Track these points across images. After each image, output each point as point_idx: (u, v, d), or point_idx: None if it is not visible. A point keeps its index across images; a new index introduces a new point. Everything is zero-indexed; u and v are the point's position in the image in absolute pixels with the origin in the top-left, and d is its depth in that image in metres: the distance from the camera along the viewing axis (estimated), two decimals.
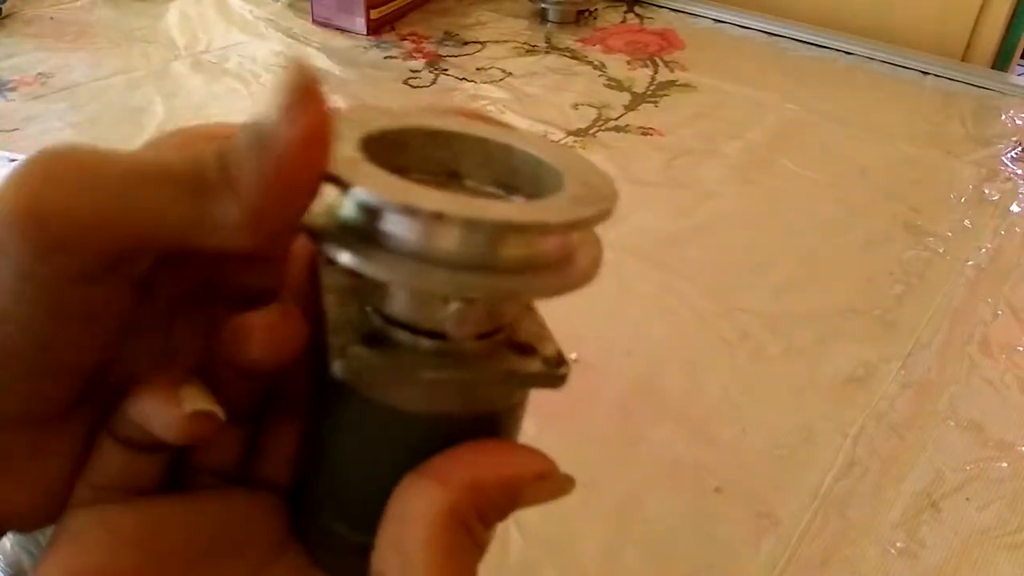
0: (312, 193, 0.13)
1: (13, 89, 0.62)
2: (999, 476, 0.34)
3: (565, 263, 0.15)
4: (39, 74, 0.65)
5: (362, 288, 0.15)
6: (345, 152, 0.14)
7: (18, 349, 0.13)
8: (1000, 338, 0.42)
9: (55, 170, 0.12)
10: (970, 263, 0.48)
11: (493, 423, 0.15)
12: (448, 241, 0.13)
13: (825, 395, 0.38)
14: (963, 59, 0.75)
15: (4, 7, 0.73)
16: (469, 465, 0.14)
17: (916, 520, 0.32)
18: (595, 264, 0.16)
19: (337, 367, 0.14)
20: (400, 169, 0.14)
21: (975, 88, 0.69)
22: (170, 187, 0.13)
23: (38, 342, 0.13)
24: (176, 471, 0.16)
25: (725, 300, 0.44)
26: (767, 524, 0.32)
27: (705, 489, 0.33)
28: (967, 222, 0.52)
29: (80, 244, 0.12)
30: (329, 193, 0.14)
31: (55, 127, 0.58)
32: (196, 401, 0.14)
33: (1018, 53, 0.75)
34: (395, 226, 0.13)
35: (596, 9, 0.80)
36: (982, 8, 0.73)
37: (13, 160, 0.54)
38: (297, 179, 0.12)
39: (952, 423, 0.37)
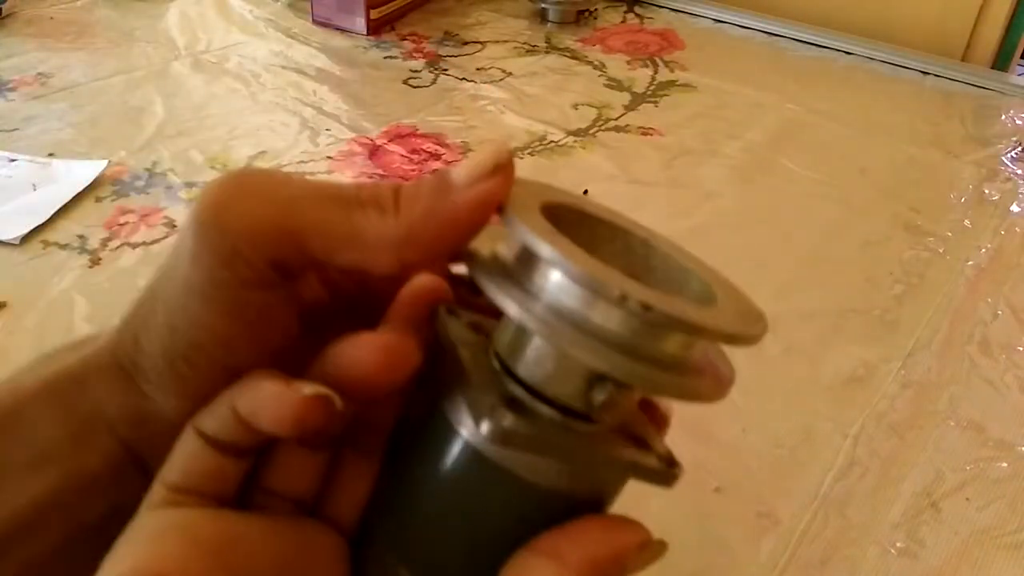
0: (458, 247, 0.15)
1: (13, 89, 0.62)
2: (999, 476, 0.34)
3: (699, 372, 0.15)
4: (39, 74, 0.65)
5: (495, 347, 0.15)
6: (534, 217, 0.14)
7: (207, 351, 0.15)
8: (1000, 338, 0.42)
9: (235, 189, 0.15)
10: (970, 263, 0.48)
11: (600, 503, 0.16)
12: (623, 324, 0.13)
13: (825, 395, 0.38)
14: (963, 59, 0.75)
15: (4, 7, 0.73)
16: (585, 543, 0.15)
17: (916, 520, 0.32)
18: (728, 382, 0.16)
19: (485, 427, 0.14)
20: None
21: (975, 88, 0.69)
22: (334, 205, 0.15)
23: (224, 345, 0.15)
24: (247, 491, 0.16)
25: None
26: (767, 524, 0.32)
27: (705, 489, 0.33)
28: (967, 222, 0.52)
29: (255, 251, 0.14)
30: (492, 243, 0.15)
31: (55, 127, 0.58)
32: (313, 386, 0.15)
33: (1018, 53, 0.75)
34: (568, 294, 0.14)
35: (596, 9, 0.80)
36: (982, 8, 0.73)
37: (13, 160, 0.54)
38: (458, 226, 0.15)
39: (952, 423, 0.37)
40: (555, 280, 0.14)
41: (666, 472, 0.16)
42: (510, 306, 0.14)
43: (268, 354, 0.16)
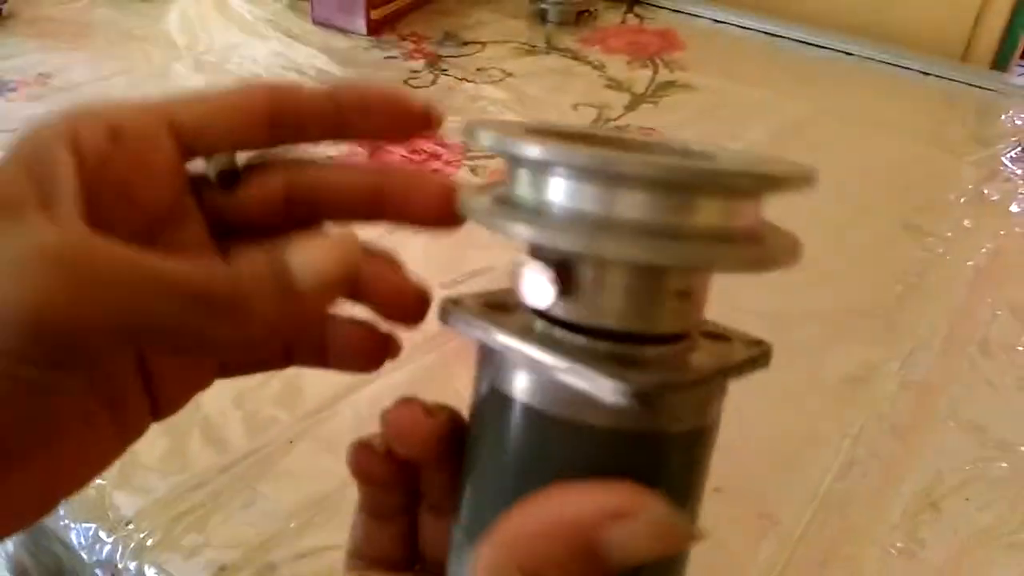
0: (306, 327, 0.15)
1: (14, 90, 0.62)
2: (999, 476, 0.34)
3: (756, 241, 0.14)
4: (40, 74, 0.65)
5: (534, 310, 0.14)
6: (511, 131, 0.13)
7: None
8: (1001, 338, 0.42)
9: (65, 268, 0.12)
10: (970, 263, 0.48)
11: (708, 429, 0.14)
12: (634, 204, 0.12)
13: (825, 395, 0.38)
14: (963, 60, 0.75)
15: (5, 8, 0.73)
16: (515, 517, 0.13)
17: (916, 520, 0.32)
18: (794, 246, 0.14)
19: (609, 393, 0.12)
20: None
21: (975, 88, 0.69)
22: (179, 303, 0.13)
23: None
24: None
25: (724, 300, 0.43)
26: (767, 524, 0.32)
27: (705, 490, 0.33)
28: (967, 222, 0.52)
29: (78, 345, 0.13)
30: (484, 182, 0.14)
31: None
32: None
33: (1017, 53, 0.75)
34: (571, 192, 0.12)
35: (596, 9, 0.80)
36: (982, 9, 0.73)
37: None
38: (308, 321, 0.14)
39: (952, 423, 0.37)
40: (535, 180, 0.13)
41: (759, 354, 0.15)
42: (504, 226, 0.12)
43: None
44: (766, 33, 0.77)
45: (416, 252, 0.19)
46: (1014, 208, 0.54)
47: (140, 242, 0.14)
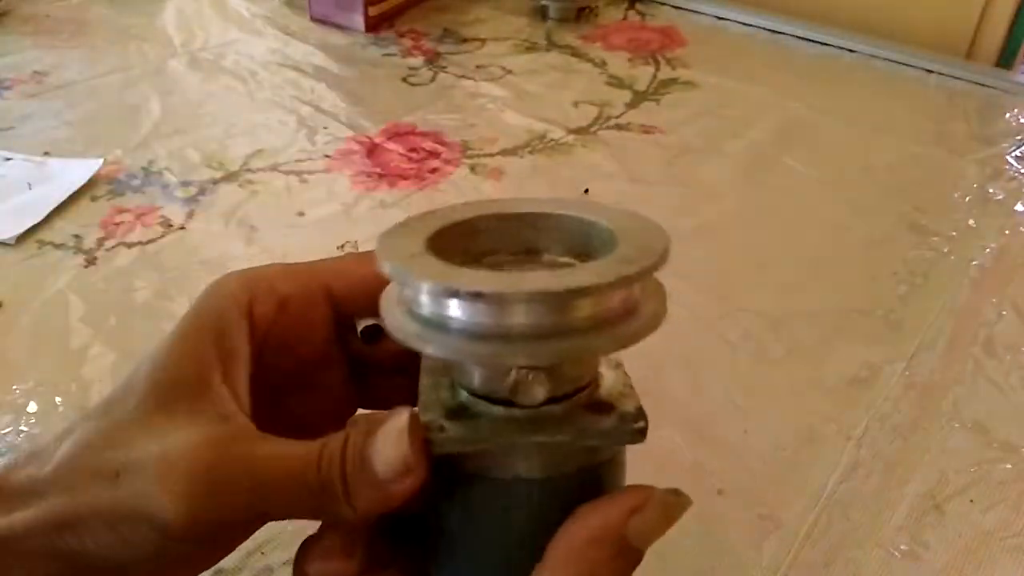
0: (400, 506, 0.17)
1: (9, 87, 0.62)
2: (1004, 478, 0.34)
3: (628, 317, 0.16)
4: (35, 72, 0.64)
5: (448, 367, 0.17)
6: (410, 249, 0.16)
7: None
8: (1005, 338, 0.42)
9: (206, 479, 0.16)
10: (975, 263, 0.47)
11: (595, 479, 0.17)
12: (491, 315, 0.15)
13: (828, 396, 0.38)
14: (967, 57, 0.75)
15: (0, 5, 0.73)
16: (561, 539, 0.16)
17: (920, 522, 0.32)
18: (656, 318, 0.16)
19: (431, 441, 0.15)
20: (478, 255, 0.17)
21: (979, 87, 0.68)
22: (300, 497, 0.16)
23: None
24: None
25: (727, 300, 0.43)
26: (770, 526, 0.31)
27: (707, 491, 0.33)
28: (971, 221, 0.51)
29: (219, 537, 0.16)
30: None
31: (51, 125, 0.58)
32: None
33: (1022, 51, 0.75)
34: (449, 308, 0.15)
35: (597, 6, 0.80)
36: (986, 6, 0.73)
37: (8, 159, 0.53)
38: (395, 506, 0.16)
39: (956, 424, 0.37)
40: (424, 299, 0.15)
41: (624, 430, 0.17)
42: (407, 339, 0.15)
43: None
44: (768, 30, 0.77)
45: None
46: (1019, 207, 0.53)
47: (292, 383, 0.18)
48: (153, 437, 0.16)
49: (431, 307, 0.15)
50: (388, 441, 0.16)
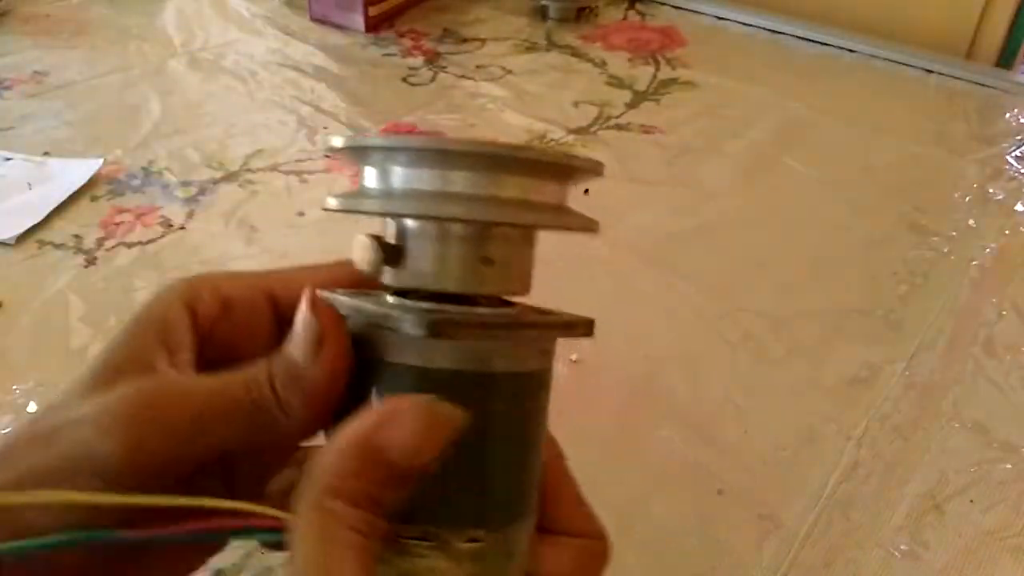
0: (339, 394, 0.17)
1: (9, 88, 0.62)
2: (1003, 478, 0.34)
3: (561, 211, 0.17)
4: (35, 72, 0.64)
5: (387, 284, 0.17)
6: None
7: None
8: (1005, 338, 0.42)
9: (148, 415, 0.16)
10: (975, 263, 0.47)
11: (519, 388, 0.16)
12: (434, 167, 0.15)
13: (828, 396, 0.38)
14: (967, 57, 0.75)
15: (0, 5, 0.73)
16: (317, 454, 0.15)
17: (920, 522, 0.32)
18: (592, 222, 0.17)
19: (408, 331, 0.15)
20: None
21: (979, 86, 0.68)
22: (237, 418, 0.16)
23: None
24: None
25: (727, 300, 0.43)
26: (770, 526, 0.31)
27: (707, 491, 0.33)
28: (972, 221, 0.51)
29: (163, 470, 0.16)
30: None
31: (50, 126, 0.57)
32: None
33: (1022, 51, 0.75)
34: (395, 170, 0.16)
35: (597, 6, 0.80)
36: (986, 6, 0.73)
37: (8, 159, 0.53)
38: (327, 397, 0.16)
39: (956, 424, 0.36)
40: (370, 169, 0.16)
41: (577, 319, 0.17)
42: (365, 205, 0.16)
43: None
44: (768, 30, 0.77)
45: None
46: (1019, 207, 0.53)
47: None
48: (91, 402, 0.17)
49: (378, 174, 0.16)
50: (298, 325, 0.17)
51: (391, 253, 0.16)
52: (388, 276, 0.17)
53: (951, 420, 0.37)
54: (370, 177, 0.17)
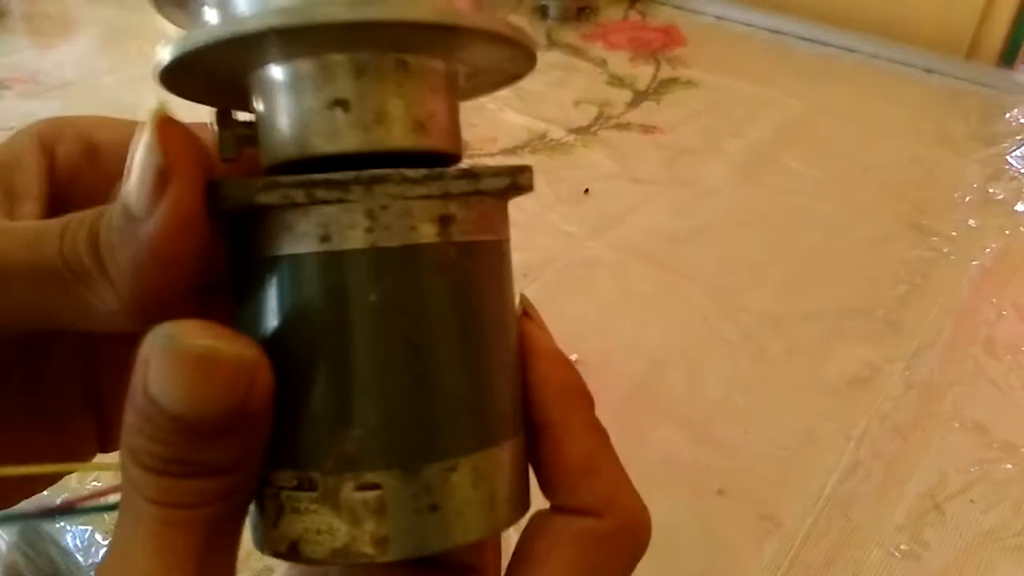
0: (188, 270, 0.12)
1: (7, 87, 0.62)
2: (1004, 478, 0.34)
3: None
4: (33, 72, 0.64)
5: (267, 164, 0.13)
6: None
7: None
8: (1005, 338, 0.42)
9: None
10: (975, 263, 0.47)
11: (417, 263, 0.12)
12: None
13: (828, 396, 0.38)
14: (968, 57, 0.75)
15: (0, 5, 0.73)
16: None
17: (920, 522, 0.32)
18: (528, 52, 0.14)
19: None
20: None
21: (980, 87, 0.68)
22: (46, 283, 0.12)
23: None
24: None
25: (727, 300, 0.43)
26: (770, 526, 0.31)
27: (707, 491, 0.33)
28: (972, 221, 0.51)
29: None
30: None
31: None
32: None
33: (1023, 51, 0.75)
34: None
35: (597, 5, 0.80)
36: (987, 6, 0.73)
37: None
38: (169, 264, 0.12)
39: (956, 424, 0.36)
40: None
41: (510, 167, 0.13)
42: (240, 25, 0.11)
43: None
44: (769, 30, 0.77)
45: None
46: (1020, 207, 0.53)
47: None
48: None
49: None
50: (136, 155, 0.11)
51: (246, 126, 0.13)
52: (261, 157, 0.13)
53: (951, 420, 0.37)
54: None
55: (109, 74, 0.65)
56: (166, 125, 0.12)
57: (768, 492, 0.33)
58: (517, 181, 0.14)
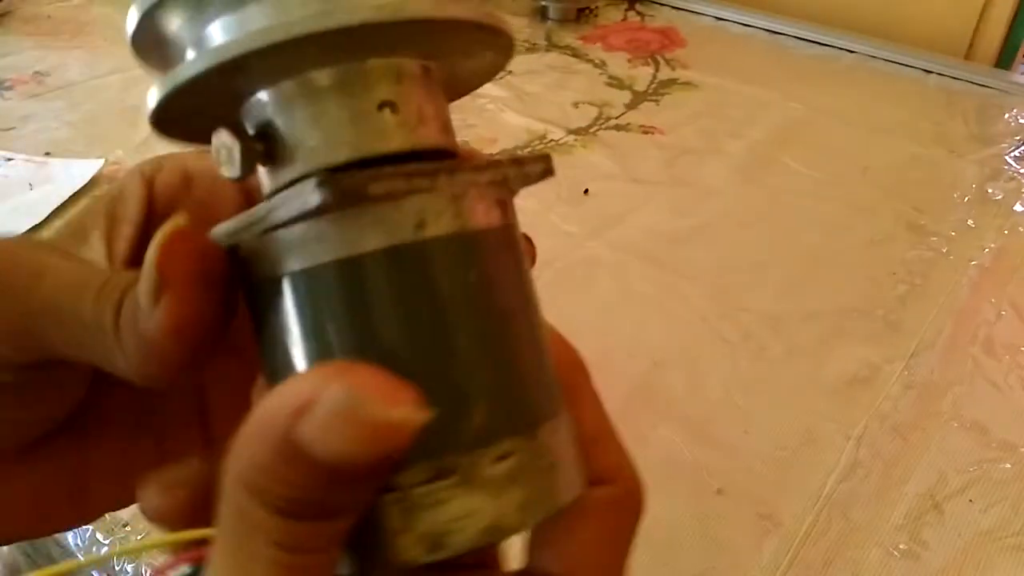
0: (185, 361, 0.12)
1: (10, 88, 0.62)
2: (1002, 477, 0.34)
3: None
4: (36, 72, 0.64)
5: (272, 185, 0.13)
6: None
7: None
8: (1004, 338, 0.42)
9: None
10: (973, 263, 0.48)
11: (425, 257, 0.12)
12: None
13: (828, 396, 0.38)
14: (966, 58, 0.75)
15: (1, 5, 0.73)
16: (242, 425, 0.11)
17: (919, 522, 0.32)
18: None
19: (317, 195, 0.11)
20: None
21: (978, 87, 0.68)
22: (67, 316, 0.13)
23: None
24: None
25: (726, 300, 0.43)
26: (769, 526, 0.32)
27: (707, 490, 0.33)
28: (970, 222, 0.51)
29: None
30: None
31: (52, 126, 0.58)
32: None
33: (1021, 52, 0.75)
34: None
35: (597, 7, 0.80)
36: (985, 7, 0.73)
37: (10, 159, 0.53)
38: (166, 357, 0.12)
39: (955, 424, 0.37)
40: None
41: (530, 156, 0.14)
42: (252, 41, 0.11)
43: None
44: (767, 31, 0.77)
45: None
46: (1018, 207, 0.53)
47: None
48: None
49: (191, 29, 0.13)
50: (144, 263, 0.12)
51: (258, 141, 0.12)
52: (268, 179, 0.13)
53: (950, 420, 0.37)
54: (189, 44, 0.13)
55: (112, 75, 0.65)
56: (172, 243, 0.12)
57: (768, 492, 0.33)
58: (549, 166, 0.14)
